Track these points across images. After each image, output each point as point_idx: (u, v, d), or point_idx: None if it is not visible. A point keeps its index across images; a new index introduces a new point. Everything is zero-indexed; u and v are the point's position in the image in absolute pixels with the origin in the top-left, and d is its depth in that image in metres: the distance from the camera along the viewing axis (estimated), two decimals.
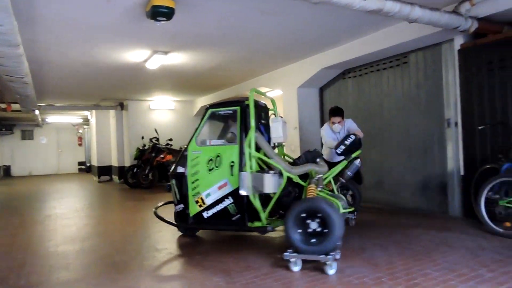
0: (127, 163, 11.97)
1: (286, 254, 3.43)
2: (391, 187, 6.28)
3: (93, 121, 14.59)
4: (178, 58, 6.82)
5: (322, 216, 3.39)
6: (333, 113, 5.22)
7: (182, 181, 4.49)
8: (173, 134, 11.67)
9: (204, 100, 11.87)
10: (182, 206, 4.52)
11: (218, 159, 4.25)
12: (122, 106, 12.65)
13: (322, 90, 7.98)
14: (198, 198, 4.35)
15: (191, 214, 4.41)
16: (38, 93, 9.33)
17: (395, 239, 4.33)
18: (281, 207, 4.15)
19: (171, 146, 11.10)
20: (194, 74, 8.19)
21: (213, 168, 4.28)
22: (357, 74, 7.06)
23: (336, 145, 4.34)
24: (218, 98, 10.50)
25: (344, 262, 3.58)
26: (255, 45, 6.23)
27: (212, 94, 11.33)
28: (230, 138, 4.35)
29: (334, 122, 5.18)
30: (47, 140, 18.84)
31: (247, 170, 3.97)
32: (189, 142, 4.53)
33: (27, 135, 18.46)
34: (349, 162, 4.34)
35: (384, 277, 3.18)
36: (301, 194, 4.09)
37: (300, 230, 3.46)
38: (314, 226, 3.43)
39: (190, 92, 11.20)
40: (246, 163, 4.02)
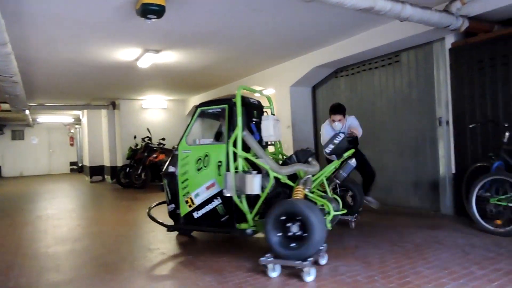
0: (120, 163, 11.88)
1: (263, 259, 3.29)
2: (384, 186, 6.29)
3: (84, 120, 14.46)
4: (170, 57, 6.77)
5: (301, 219, 3.22)
6: (333, 110, 5.00)
7: (173, 180, 4.41)
8: (165, 134, 11.60)
9: (197, 99, 11.82)
10: (173, 206, 4.48)
11: (207, 159, 4.13)
12: (114, 105, 12.55)
13: (314, 89, 7.99)
14: (188, 198, 4.26)
15: (182, 214, 4.34)
16: (28, 92, 9.20)
17: (388, 237, 4.35)
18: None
19: (164, 145, 11.04)
20: (186, 72, 8.14)
21: (201, 167, 4.16)
22: (349, 73, 7.08)
23: (325, 144, 4.09)
24: (211, 97, 10.43)
25: (337, 260, 3.59)
26: (247, 43, 6.21)
27: (205, 93, 11.28)
28: (218, 137, 4.22)
29: (334, 120, 4.97)
30: (38, 140, 18.64)
31: (231, 170, 3.83)
32: (179, 141, 4.45)
33: (18, 135, 18.26)
34: (343, 162, 4.13)
35: (376, 275, 3.19)
36: (291, 195, 3.92)
37: (279, 234, 3.30)
38: (294, 229, 3.26)
39: (183, 91, 11.15)
40: (229, 163, 3.86)
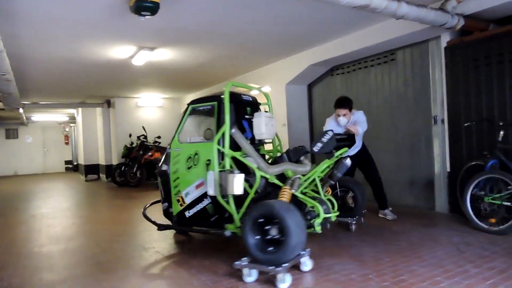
0: (115, 161, 11.83)
1: (237, 263, 3.15)
2: None
3: (79, 119, 14.37)
4: (164, 55, 6.73)
5: (278, 222, 3.03)
6: (338, 104, 4.78)
7: (166, 179, 4.37)
8: (161, 132, 11.55)
9: (192, 97, 11.75)
10: (167, 204, 4.44)
11: (196, 157, 4.03)
12: (109, 103, 12.48)
13: (310, 87, 7.98)
14: (179, 197, 4.20)
15: (174, 213, 4.30)
16: (22, 90, 9.13)
17: (383, 236, 4.35)
18: None
19: (159, 143, 10.99)
20: (181, 70, 8.10)
21: (191, 166, 4.07)
22: (345, 71, 7.07)
23: (312, 142, 3.86)
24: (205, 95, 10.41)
25: (331, 259, 3.59)
26: (242, 41, 6.18)
27: (200, 91, 11.24)
28: (208, 134, 4.12)
29: (339, 115, 4.77)
30: (33, 139, 18.48)
31: (215, 169, 3.69)
32: (172, 139, 4.38)
33: (12, 134, 18.10)
34: (337, 162, 3.88)
35: (371, 273, 3.19)
36: None
37: (258, 237, 3.14)
38: (273, 232, 3.07)
39: (178, 89, 11.10)
40: (214, 162, 3.72)
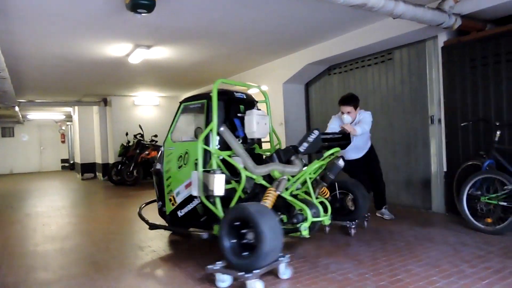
0: (111, 160, 11.76)
1: (209, 266, 3.06)
2: None
3: (76, 117, 14.31)
4: (161, 53, 6.70)
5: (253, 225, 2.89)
6: (342, 101, 4.68)
7: (160, 178, 4.33)
8: (158, 130, 11.50)
9: (188, 96, 11.72)
10: (161, 203, 4.42)
11: (186, 156, 3.97)
12: (105, 102, 12.42)
13: (307, 86, 7.97)
14: (171, 196, 4.17)
15: (167, 212, 4.27)
16: (17, 88, 9.07)
17: (380, 235, 4.35)
18: None
19: (156, 142, 10.96)
20: (178, 69, 8.07)
21: (181, 165, 4.01)
22: (342, 70, 7.07)
23: (298, 141, 3.69)
24: None
25: (328, 258, 3.59)
26: (239, 40, 6.15)
27: (197, 89, 11.21)
28: (198, 133, 4.05)
29: (343, 112, 4.65)
30: (29, 137, 18.39)
31: (199, 169, 3.56)
32: (165, 138, 4.35)
33: (8, 132, 18.00)
34: (329, 162, 3.74)
35: (368, 273, 3.19)
36: None
37: (234, 240, 3.03)
38: (250, 236, 2.94)
39: (175, 87, 11.06)
40: (199, 161, 3.59)
